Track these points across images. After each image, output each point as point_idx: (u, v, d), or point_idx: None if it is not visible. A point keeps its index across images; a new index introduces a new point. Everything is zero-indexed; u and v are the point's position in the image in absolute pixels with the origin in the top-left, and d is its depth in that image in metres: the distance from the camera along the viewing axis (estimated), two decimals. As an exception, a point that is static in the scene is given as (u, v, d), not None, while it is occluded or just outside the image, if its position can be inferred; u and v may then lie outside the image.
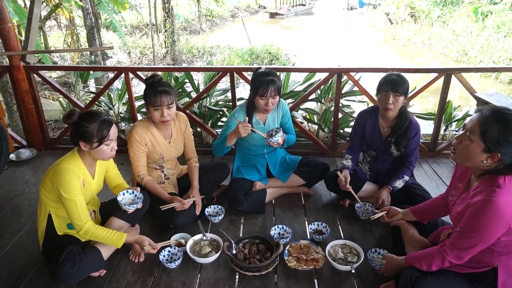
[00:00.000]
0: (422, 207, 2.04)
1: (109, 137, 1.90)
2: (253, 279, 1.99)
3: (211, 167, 2.74)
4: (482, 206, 1.46)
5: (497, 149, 1.44)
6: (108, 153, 1.95)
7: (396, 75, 2.34)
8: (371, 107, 2.62)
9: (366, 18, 24.89)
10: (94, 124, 1.85)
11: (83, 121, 1.86)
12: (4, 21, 3.18)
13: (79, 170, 1.92)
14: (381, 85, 2.37)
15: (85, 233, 1.90)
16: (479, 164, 1.52)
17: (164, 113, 2.25)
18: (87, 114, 1.91)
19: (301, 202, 2.75)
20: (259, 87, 2.38)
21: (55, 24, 16.09)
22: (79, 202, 1.87)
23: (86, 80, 4.24)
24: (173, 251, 2.15)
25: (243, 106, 2.60)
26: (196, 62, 13.55)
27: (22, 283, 1.99)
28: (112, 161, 2.22)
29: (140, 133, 2.34)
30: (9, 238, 2.36)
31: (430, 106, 8.54)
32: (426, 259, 1.64)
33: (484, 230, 1.46)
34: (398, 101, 2.31)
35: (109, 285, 1.98)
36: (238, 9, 27.57)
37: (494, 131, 1.43)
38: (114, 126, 1.93)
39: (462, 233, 1.53)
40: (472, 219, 1.49)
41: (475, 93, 3.30)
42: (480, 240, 1.48)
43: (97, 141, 1.87)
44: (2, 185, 3.03)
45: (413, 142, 2.45)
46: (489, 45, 12.31)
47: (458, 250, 1.54)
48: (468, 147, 1.52)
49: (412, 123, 2.43)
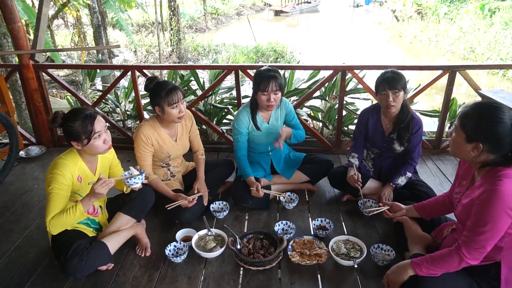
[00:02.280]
0: (426, 204, 2.05)
1: (95, 130, 1.88)
2: (257, 274, 2.02)
3: (216, 164, 2.78)
4: (488, 196, 1.46)
5: (476, 138, 1.50)
6: (102, 146, 1.94)
7: (391, 72, 2.33)
8: (373, 105, 2.63)
9: (372, 15, 24.74)
10: (78, 122, 1.85)
11: (67, 121, 1.87)
12: (14, 20, 3.24)
13: (74, 166, 1.95)
14: (378, 85, 2.37)
15: (50, 227, 1.89)
16: (469, 155, 1.56)
17: (182, 108, 2.30)
18: (69, 113, 1.91)
19: (305, 198, 2.77)
20: (261, 82, 2.41)
21: (62, 23, 16.26)
22: (55, 196, 1.87)
23: (93, 78, 4.29)
24: (179, 246, 2.19)
25: (246, 107, 2.62)
26: (202, 60, 13.61)
27: (32, 277, 2.04)
28: (115, 158, 2.26)
29: (146, 133, 2.36)
30: (20, 233, 2.42)
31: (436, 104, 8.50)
32: (441, 264, 1.57)
33: (495, 220, 1.45)
34: (399, 97, 2.32)
35: (116, 278, 2.02)
36: (243, 7, 27.57)
37: (472, 121, 1.51)
38: (99, 118, 1.92)
39: (474, 230, 1.50)
40: (480, 213, 1.48)
41: (479, 90, 3.30)
42: (494, 232, 1.46)
43: (85, 138, 1.87)
44: (13, 182, 3.09)
45: (416, 138, 2.46)
46: (496, 42, 12.19)
47: (475, 250, 1.50)
48: (454, 140, 1.59)
49: (414, 118, 2.44)
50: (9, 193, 2.93)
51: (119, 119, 4.08)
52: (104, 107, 4.13)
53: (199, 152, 2.67)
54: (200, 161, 2.64)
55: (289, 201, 2.63)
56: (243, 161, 2.61)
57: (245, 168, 2.59)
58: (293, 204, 2.59)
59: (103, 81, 8.13)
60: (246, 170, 2.58)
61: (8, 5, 3.17)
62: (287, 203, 2.59)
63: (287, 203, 2.59)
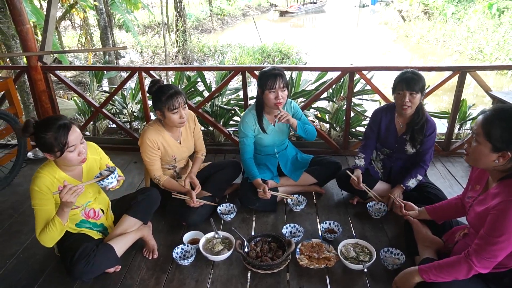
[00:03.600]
0: (438, 206, 2.02)
1: (69, 144, 1.74)
2: (265, 277, 2.01)
3: (222, 166, 2.77)
4: (505, 208, 1.43)
5: (504, 147, 1.44)
6: (76, 158, 1.81)
7: (411, 73, 2.30)
8: (387, 105, 2.60)
9: (379, 15, 24.61)
10: (50, 133, 1.71)
11: (39, 131, 1.73)
12: (23, 22, 3.26)
13: (52, 178, 1.85)
14: (396, 84, 2.35)
15: (42, 242, 1.87)
16: (492, 164, 1.50)
17: (183, 114, 2.26)
18: (42, 122, 1.76)
19: (312, 201, 2.75)
20: (267, 81, 2.38)
21: (69, 24, 16.39)
22: (37, 212, 1.83)
23: (100, 79, 4.30)
24: (186, 248, 2.18)
25: (252, 109, 2.59)
26: (208, 61, 13.62)
27: (40, 279, 2.05)
28: (104, 156, 2.14)
29: (151, 138, 2.33)
30: (28, 234, 2.43)
31: (444, 105, 8.42)
32: (449, 271, 1.55)
33: (510, 231, 1.41)
34: (415, 99, 2.29)
35: (124, 281, 2.02)
36: (249, 7, 27.58)
37: (498, 130, 1.43)
38: (74, 130, 1.78)
39: (487, 239, 1.47)
40: (496, 223, 1.45)
41: (490, 92, 3.25)
42: (508, 243, 1.43)
43: (58, 150, 1.74)
44: (21, 183, 3.11)
45: (429, 141, 2.42)
46: (505, 42, 12.05)
47: (486, 259, 1.47)
48: (477, 149, 1.52)
49: (429, 121, 2.41)
50: (17, 194, 2.94)
51: (125, 120, 4.09)
52: (111, 108, 4.14)
53: (199, 152, 2.66)
54: (197, 159, 2.62)
55: (296, 204, 2.60)
56: (249, 164, 2.59)
57: (251, 170, 2.57)
58: (300, 206, 2.57)
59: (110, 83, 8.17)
60: (253, 172, 2.57)
61: (17, 8, 3.19)
62: (294, 206, 2.57)
63: (295, 205, 2.57)
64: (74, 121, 1.85)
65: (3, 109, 2.97)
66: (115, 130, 4.18)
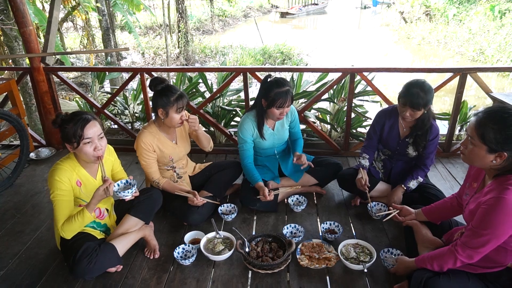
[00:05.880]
0: (434, 207, 2.03)
1: (84, 136, 1.84)
2: (265, 277, 2.02)
3: (224, 166, 2.77)
4: (494, 203, 1.46)
5: (500, 148, 1.46)
6: (91, 153, 1.88)
7: (419, 88, 2.19)
8: (392, 107, 2.59)
9: (380, 17, 24.65)
10: (71, 125, 1.83)
11: (64, 123, 1.86)
12: (26, 24, 3.28)
13: (72, 171, 1.93)
14: (401, 96, 2.28)
15: (63, 234, 1.94)
16: (490, 164, 1.53)
17: (184, 114, 2.31)
18: (69, 115, 1.88)
19: (313, 201, 2.76)
20: (277, 99, 2.33)
21: (71, 26, 16.46)
22: (59, 203, 1.89)
23: (102, 81, 4.32)
24: (188, 248, 2.19)
25: (251, 115, 2.56)
26: (209, 62, 13.66)
27: (42, 278, 2.06)
28: (117, 159, 2.24)
29: (146, 141, 2.34)
30: (30, 234, 2.45)
31: (445, 106, 8.42)
32: (438, 260, 1.64)
33: (496, 227, 1.46)
34: (416, 114, 2.25)
35: (125, 280, 2.03)
36: (250, 9, 27.65)
37: (491, 132, 1.46)
38: (93, 124, 1.87)
39: (474, 231, 1.53)
40: (484, 217, 1.49)
41: (491, 93, 3.26)
42: (493, 237, 1.48)
43: (75, 141, 1.84)
44: (23, 183, 3.13)
45: (432, 145, 2.41)
46: (507, 44, 12.06)
47: (470, 249, 1.54)
48: (473, 151, 1.55)
49: (433, 126, 2.38)
50: (19, 194, 2.96)
51: (127, 121, 4.11)
52: (113, 109, 4.16)
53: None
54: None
55: (297, 204, 2.61)
56: (250, 168, 2.59)
57: (252, 175, 2.57)
58: (301, 207, 2.58)
59: (112, 84, 8.20)
60: (254, 176, 2.56)
61: (20, 9, 3.21)
62: (295, 206, 2.58)
63: (296, 206, 2.58)
64: (97, 117, 1.95)
65: (6, 110, 2.99)
66: (117, 130, 4.20)
